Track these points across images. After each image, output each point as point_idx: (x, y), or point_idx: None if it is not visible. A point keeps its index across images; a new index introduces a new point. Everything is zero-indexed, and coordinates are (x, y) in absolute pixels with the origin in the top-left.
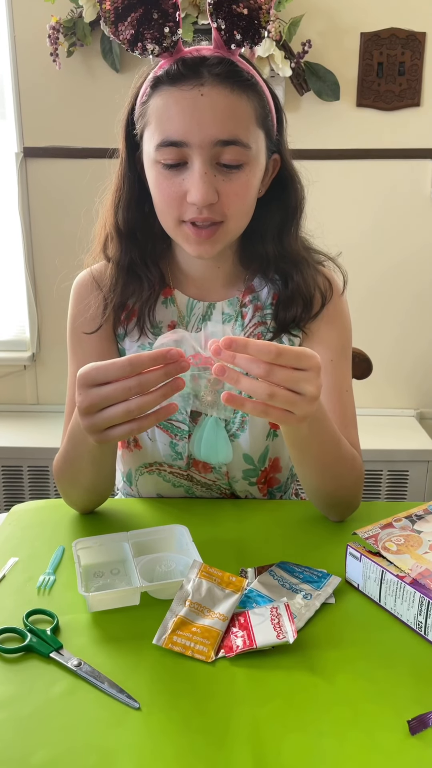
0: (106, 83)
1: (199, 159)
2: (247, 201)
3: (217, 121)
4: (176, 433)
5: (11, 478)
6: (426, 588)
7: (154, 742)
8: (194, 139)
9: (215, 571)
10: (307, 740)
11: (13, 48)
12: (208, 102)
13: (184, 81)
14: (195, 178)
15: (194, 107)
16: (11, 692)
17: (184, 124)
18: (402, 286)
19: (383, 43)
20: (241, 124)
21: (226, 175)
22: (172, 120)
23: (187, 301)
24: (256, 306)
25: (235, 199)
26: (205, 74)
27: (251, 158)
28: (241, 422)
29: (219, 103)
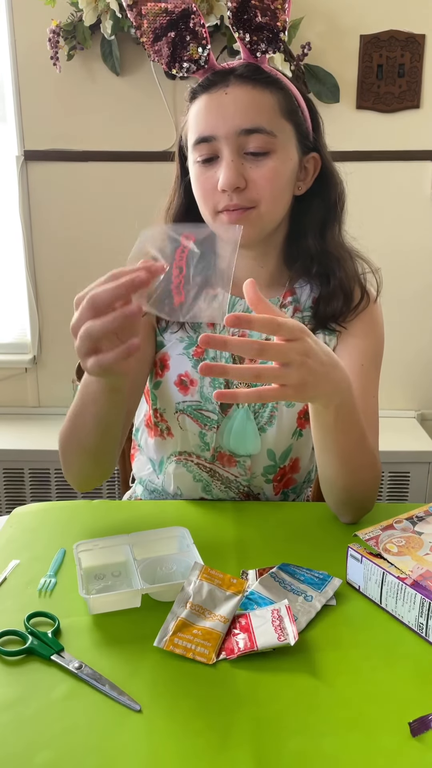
0: (107, 86)
1: (226, 149)
2: (277, 186)
3: (240, 112)
4: (205, 422)
5: (12, 480)
6: (427, 589)
7: (156, 745)
8: (220, 132)
9: (216, 573)
10: (308, 742)
11: (14, 51)
12: (231, 98)
13: (213, 87)
14: (224, 166)
15: (219, 104)
16: (12, 695)
17: (211, 120)
18: (402, 286)
19: (383, 45)
20: (263, 113)
21: (253, 162)
22: (202, 119)
23: (230, 299)
24: (296, 308)
25: (264, 184)
26: (231, 78)
27: (278, 146)
28: (270, 416)
29: (241, 97)
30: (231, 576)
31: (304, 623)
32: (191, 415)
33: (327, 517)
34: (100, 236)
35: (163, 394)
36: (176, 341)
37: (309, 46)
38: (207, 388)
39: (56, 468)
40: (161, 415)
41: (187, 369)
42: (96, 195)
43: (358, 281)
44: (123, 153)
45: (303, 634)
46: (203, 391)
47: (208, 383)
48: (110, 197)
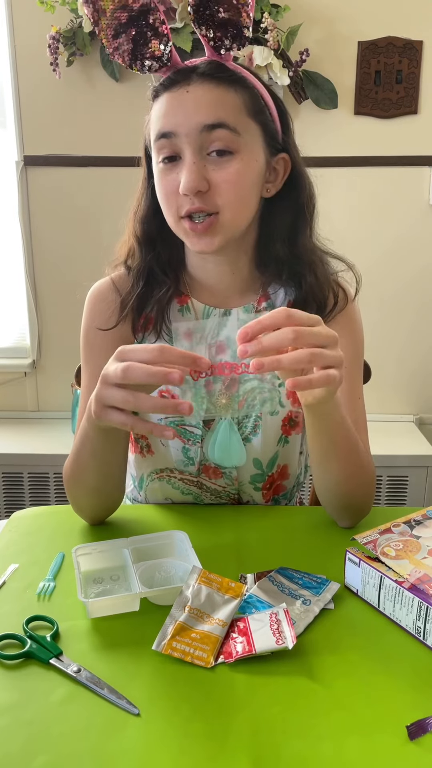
0: (106, 92)
1: (188, 149)
2: (241, 190)
3: (202, 108)
4: (189, 438)
5: (11, 484)
6: (425, 593)
7: (154, 748)
8: (181, 129)
9: (215, 577)
10: (306, 746)
11: (14, 57)
12: (192, 95)
13: (175, 85)
14: (185, 168)
15: (180, 101)
16: (11, 699)
17: (172, 116)
18: (401, 291)
19: (381, 52)
20: (226, 110)
21: (216, 164)
22: (163, 116)
23: (203, 308)
24: None
25: (227, 188)
26: (193, 76)
27: (242, 146)
28: (254, 426)
29: (204, 94)
30: (229, 580)
31: (302, 627)
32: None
33: (325, 521)
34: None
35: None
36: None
37: (307, 52)
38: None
39: (55, 472)
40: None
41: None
42: (95, 200)
43: (330, 286)
44: (122, 158)
45: (301, 637)
46: None
47: (191, 397)
48: (110, 203)
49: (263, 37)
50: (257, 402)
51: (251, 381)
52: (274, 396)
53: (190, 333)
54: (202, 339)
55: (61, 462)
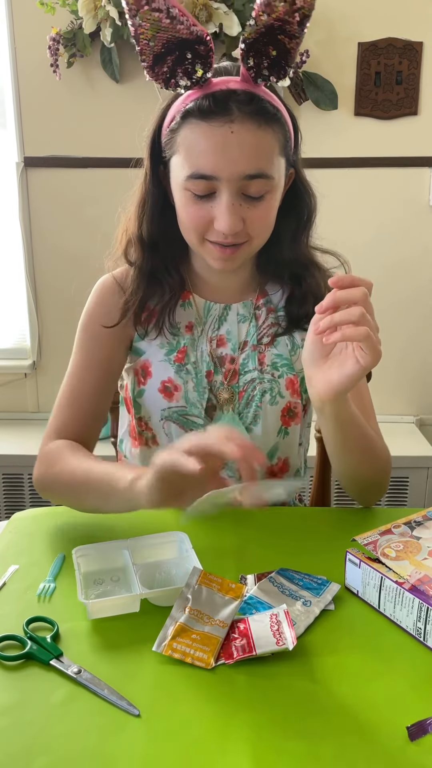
0: (106, 93)
1: (227, 191)
2: (269, 222)
3: (245, 157)
4: (192, 428)
5: (12, 485)
6: (425, 594)
7: (154, 749)
8: (224, 174)
9: (215, 578)
10: (306, 746)
11: (14, 59)
12: (237, 139)
13: (214, 117)
14: (223, 208)
15: (225, 144)
16: (11, 700)
17: (215, 159)
18: (401, 292)
19: (381, 53)
20: (266, 158)
21: (251, 203)
22: (203, 154)
23: (204, 304)
24: (269, 309)
25: (259, 223)
26: (234, 110)
27: (274, 186)
28: (255, 416)
29: (247, 139)
30: (230, 581)
31: (302, 628)
32: (177, 422)
33: (325, 522)
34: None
35: (146, 401)
36: (156, 348)
37: (307, 53)
38: (191, 392)
39: None
40: (146, 423)
41: (170, 375)
42: (96, 201)
43: (327, 287)
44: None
45: (301, 638)
46: (188, 396)
47: (192, 388)
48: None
49: None
50: (257, 392)
51: (251, 372)
52: (274, 387)
53: (192, 326)
54: (203, 331)
55: None
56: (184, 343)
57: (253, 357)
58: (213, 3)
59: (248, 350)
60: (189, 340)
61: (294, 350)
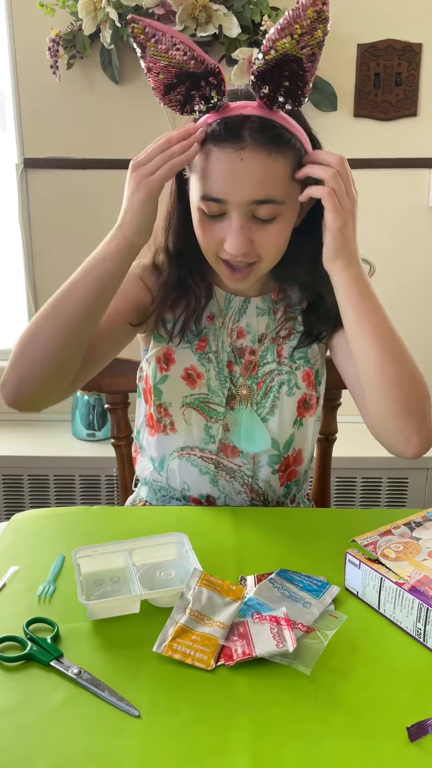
0: (106, 95)
1: (236, 214)
2: (280, 245)
3: (254, 184)
4: (212, 415)
5: (11, 487)
6: (425, 595)
7: (155, 750)
8: (232, 199)
9: (215, 580)
10: (306, 747)
11: (14, 60)
12: (246, 166)
13: (225, 142)
14: (232, 230)
15: (234, 170)
16: (12, 701)
17: (225, 185)
18: (401, 293)
19: (380, 54)
20: (276, 184)
21: (260, 226)
22: (213, 179)
23: (225, 296)
24: (287, 304)
25: (269, 245)
26: (246, 137)
27: (285, 210)
28: (272, 406)
29: (256, 167)
30: (230, 582)
31: (302, 630)
32: (198, 408)
33: (325, 523)
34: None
35: (169, 388)
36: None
37: None
38: (213, 381)
39: (55, 474)
40: (165, 409)
41: (192, 362)
42: (95, 203)
43: None
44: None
45: (301, 640)
46: (210, 383)
47: (214, 376)
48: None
49: (263, 39)
50: (275, 383)
51: (270, 364)
52: (291, 378)
53: (213, 317)
54: (224, 323)
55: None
56: (205, 332)
57: (272, 349)
58: (212, 5)
59: (267, 342)
60: (210, 330)
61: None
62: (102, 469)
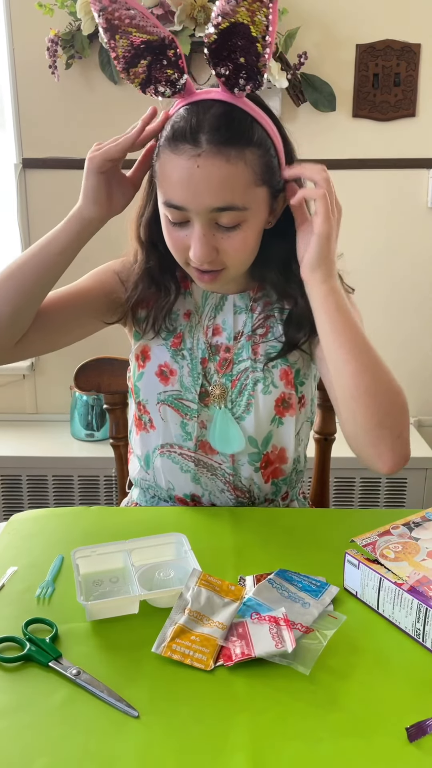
0: (105, 95)
1: (198, 222)
2: (246, 252)
3: (212, 192)
4: (186, 412)
5: (10, 487)
6: (424, 595)
7: (154, 750)
8: (191, 207)
9: (215, 580)
10: (306, 747)
11: (12, 60)
12: (203, 174)
13: (182, 149)
14: (195, 239)
15: (190, 179)
16: (11, 701)
17: (182, 193)
18: (400, 294)
19: (379, 55)
20: (237, 191)
21: (225, 233)
22: (172, 186)
23: (203, 293)
24: (266, 302)
25: (233, 253)
26: (203, 142)
27: (249, 216)
28: (247, 405)
29: (214, 174)
30: (229, 583)
31: (301, 631)
32: (172, 405)
33: (324, 523)
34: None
35: (145, 385)
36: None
37: (306, 55)
38: (186, 377)
39: (54, 474)
40: (144, 406)
41: (166, 359)
42: None
43: None
44: None
45: (300, 641)
46: (183, 380)
47: (187, 373)
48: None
49: None
50: (249, 381)
51: (245, 362)
52: (267, 376)
53: (190, 314)
54: (200, 321)
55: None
56: (180, 329)
57: (247, 347)
58: (211, 5)
59: (243, 340)
60: (186, 327)
61: None
62: (101, 470)
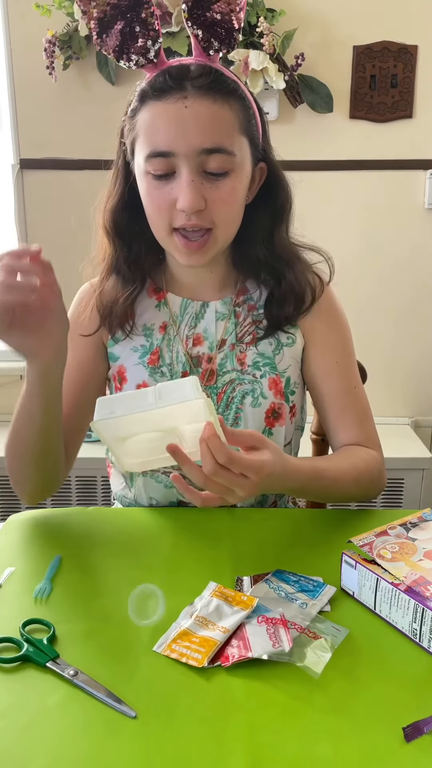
0: (102, 95)
1: (186, 168)
2: (235, 207)
3: (201, 131)
4: None
5: (7, 487)
6: (421, 595)
7: (151, 751)
8: (180, 149)
9: (228, 592)
10: (303, 747)
11: (10, 61)
12: (191, 113)
13: (168, 94)
14: (183, 185)
15: (179, 118)
16: (7, 702)
17: (170, 135)
18: (396, 294)
19: (376, 56)
20: (224, 132)
21: (213, 183)
22: (158, 132)
23: (181, 302)
24: (250, 306)
25: (222, 206)
26: (188, 87)
27: (236, 165)
28: (235, 418)
29: (202, 113)
30: (243, 594)
31: (298, 631)
32: None
33: (321, 524)
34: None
35: None
36: (130, 351)
37: (303, 56)
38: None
39: None
40: None
41: (144, 378)
42: (92, 203)
43: (308, 282)
44: None
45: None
46: None
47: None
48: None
49: (259, 41)
50: (237, 394)
51: (230, 373)
52: (256, 388)
53: (166, 326)
54: (178, 332)
55: None
56: (156, 344)
57: (231, 357)
58: None
59: (226, 349)
60: (163, 341)
61: (278, 349)
62: (97, 470)
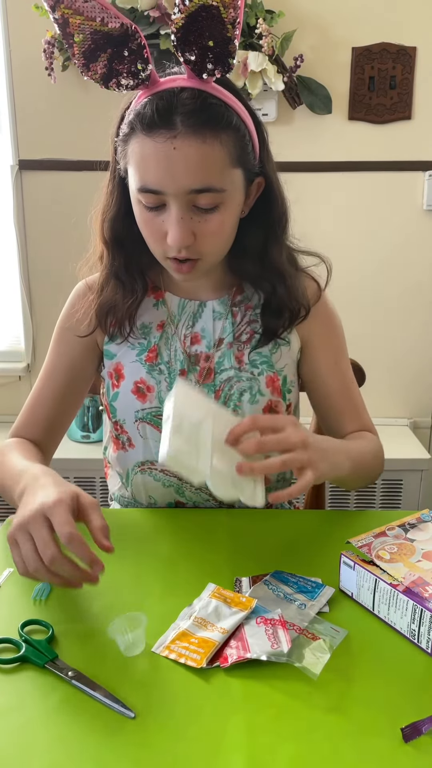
0: (101, 97)
1: (175, 205)
2: (224, 237)
3: (191, 173)
4: None
5: None
6: (419, 596)
7: (150, 752)
8: (169, 189)
9: (227, 593)
10: (301, 748)
11: (9, 62)
12: (180, 155)
13: (157, 131)
14: (172, 222)
15: (168, 160)
16: (6, 703)
17: (159, 175)
18: (395, 296)
19: (374, 58)
20: (213, 172)
21: (202, 216)
22: (148, 170)
23: (179, 301)
24: (247, 306)
25: (211, 239)
26: (178, 123)
27: (227, 198)
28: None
29: (191, 155)
30: (242, 595)
31: (297, 631)
32: (151, 422)
33: (320, 525)
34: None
35: (121, 404)
36: (127, 349)
37: (302, 58)
38: (164, 392)
39: None
40: (121, 426)
41: (142, 375)
42: (90, 204)
43: (303, 294)
44: None
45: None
46: (161, 396)
47: (166, 388)
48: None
49: (258, 42)
50: (235, 392)
51: (227, 371)
52: (254, 385)
53: (164, 324)
54: (176, 331)
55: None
56: (154, 342)
57: (228, 355)
58: None
59: (224, 348)
60: (161, 339)
61: (275, 348)
62: (96, 471)
